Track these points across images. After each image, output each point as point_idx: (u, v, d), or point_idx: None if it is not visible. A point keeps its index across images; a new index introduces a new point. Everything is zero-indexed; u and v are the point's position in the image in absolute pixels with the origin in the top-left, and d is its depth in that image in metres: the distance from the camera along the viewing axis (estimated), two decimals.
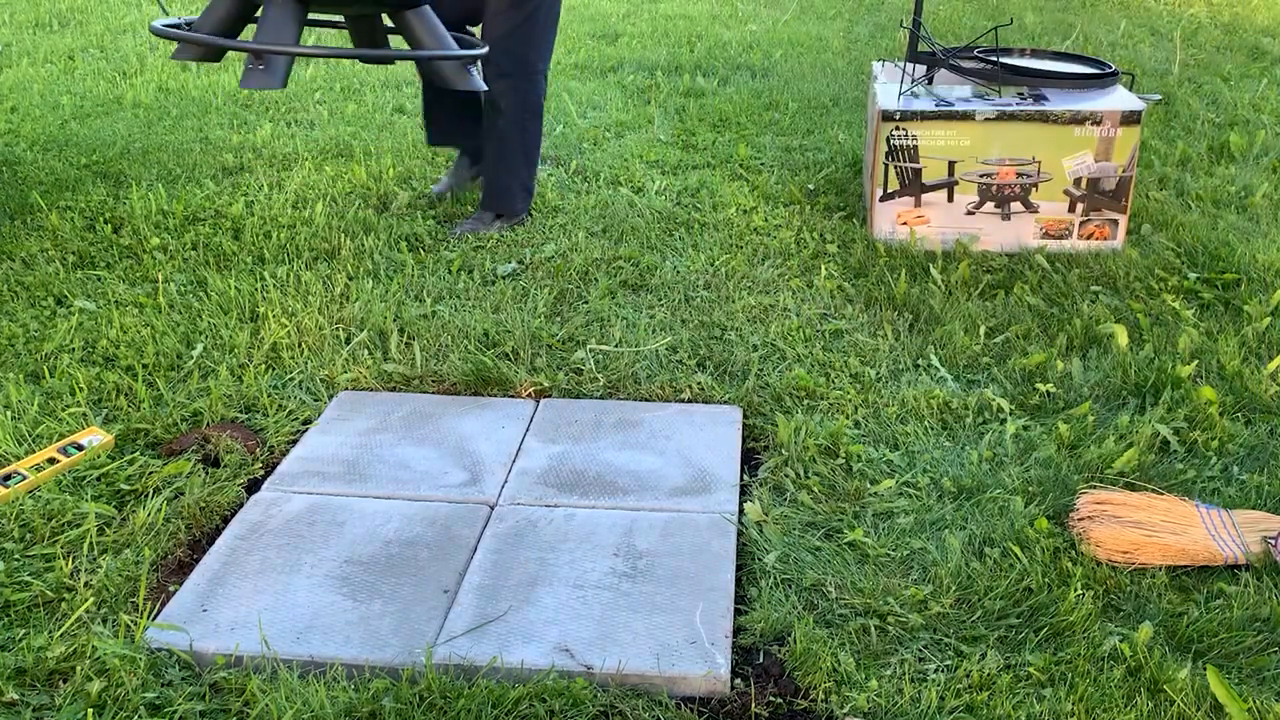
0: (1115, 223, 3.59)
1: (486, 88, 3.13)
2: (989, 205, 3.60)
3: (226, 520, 2.31)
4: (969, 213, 3.61)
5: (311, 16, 2.61)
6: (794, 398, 2.73)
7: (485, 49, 2.70)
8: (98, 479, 2.40)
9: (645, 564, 2.13)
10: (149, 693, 1.81)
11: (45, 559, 2.15)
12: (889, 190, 3.62)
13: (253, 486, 2.43)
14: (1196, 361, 2.85)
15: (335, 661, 1.89)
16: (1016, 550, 2.15)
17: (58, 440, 2.53)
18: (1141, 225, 3.76)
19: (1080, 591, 2.05)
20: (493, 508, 2.33)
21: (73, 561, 2.13)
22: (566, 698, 1.80)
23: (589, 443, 2.56)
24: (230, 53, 2.69)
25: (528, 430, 2.62)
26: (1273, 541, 2.15)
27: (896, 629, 1.97)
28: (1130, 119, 3.49)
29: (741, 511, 2.31)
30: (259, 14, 2.48)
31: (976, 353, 2.95)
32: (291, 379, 2.84)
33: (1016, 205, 3.59)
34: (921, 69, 3.89)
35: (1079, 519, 2.22)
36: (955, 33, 6.71)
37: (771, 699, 1.85)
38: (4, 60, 6.14)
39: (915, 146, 3.56)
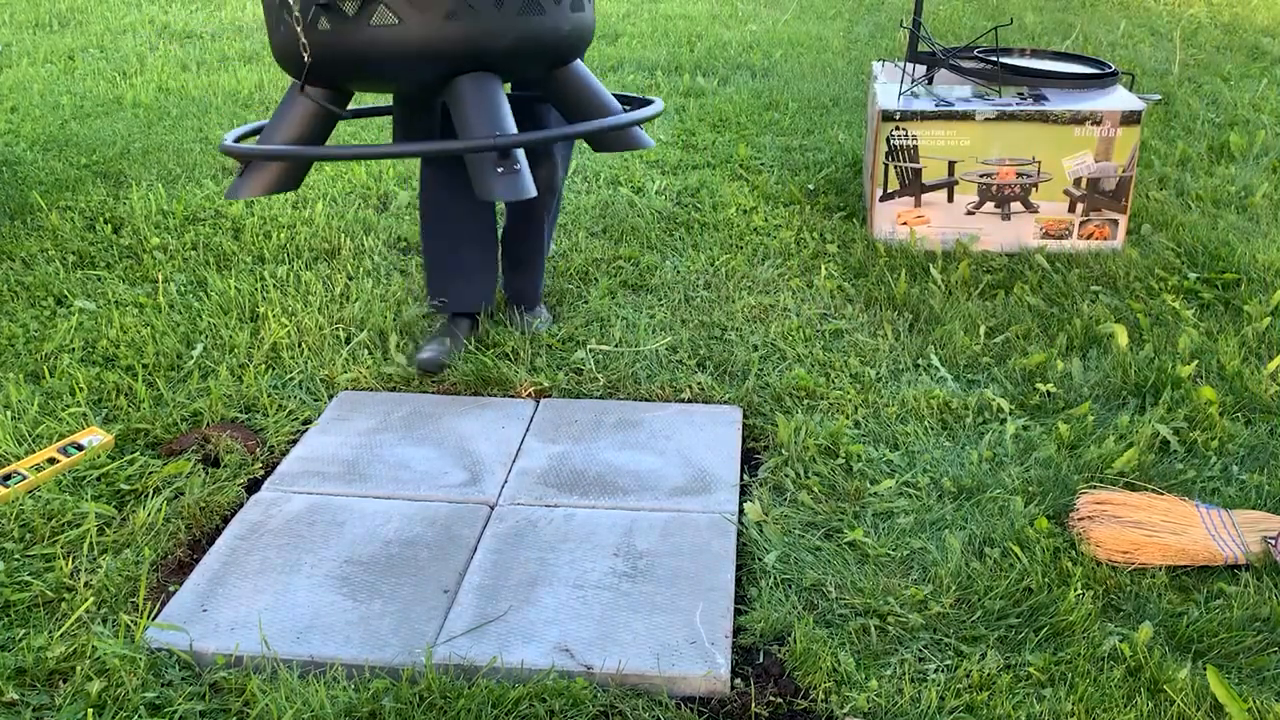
0: (1115, 223, 3.60)
1: (654, 144, 2.67)
2: (989, 205, 3.60)
3: (226, 520, 2.31)
4: (969, 213, 3.61)
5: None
6: (794, 398, 2.73)
7: (661, 104, 2.41)
8: (98, 479, 2.40)
9: (645, 564, 2.13)
10: (149, 693, 1.81)
11: (45, 559, 2.15)
12: (889, 190, 3.62)
13: (253, 486, 2.43)
14: (1196, 361, 2.85)
15: (335, 661, 1.89)
16: (1016, 550, 2.15)
17: (58, 440, 2.53)
18: (1141, 225, 3.76)
19: (1080, 591, 2.05)
20: (493, 508, 2.33)
21: (73, 561, 2.13)
22: (566, 698, 1.80)
23: (589, 443, 2.56)
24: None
25: (528, 430, 2.62)
26: (1273, 541, 2.15)
27: (896, 629, 1.97)
28: (1130, 119, 3.49)
29: (741, 511, 2.31)
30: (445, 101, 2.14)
31: (976, 353, 2.95)
32: (291, 379, 2.84)
33: (1016, 205, 3.59)
34: (921, 69, 3.89)
35: (1079, 519, 2.22)
36: (955, 33, 6.71)
37: (771, 699, 1.85)
38: (4, 60, 6.14)
39: (915, 146, 3.56)
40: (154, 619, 1.99)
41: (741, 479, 2.43)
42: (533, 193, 2.09)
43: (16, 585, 2.07)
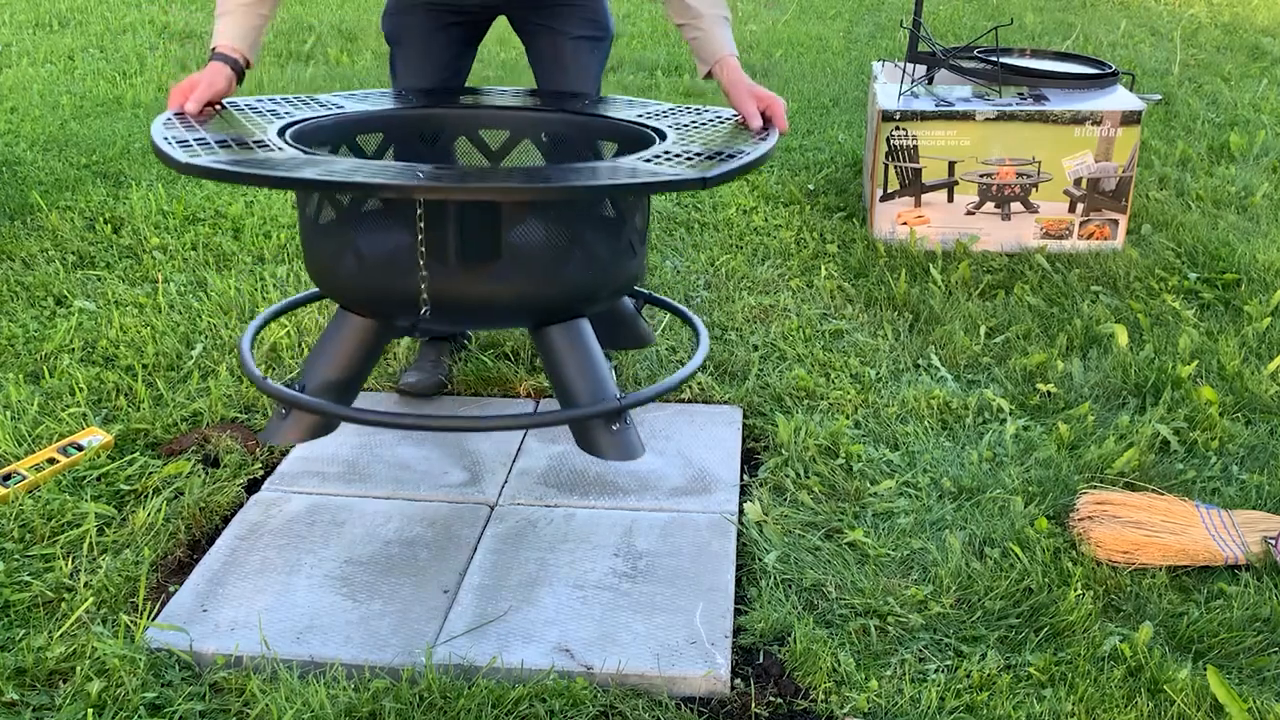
0: (1115, 223, 3.60)
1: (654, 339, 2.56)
2: (989, 205, 3.60)
3: (226, 520, 2.31)
4: (969, 213, 3.61)
5: None
6: (794, 398, 2.73)
7: (707, 343, 2.32)
8: (98, 479, 2.40)
9: (645, 564, 2.13)
10: (149, 693, 1.81)
11: (45, 559, 2.15)
12: (889, 190, 3.62)
13: (253, 486, 2.42)
14: (1196, 361, 2.85)
15: (335, 662, 1.89)
16: (1017, 550, 2.15)
17: (57, 440, 2.53)
18: (1141, 225, 3.76)
19: (1080, 591, 2.05)
20: (493, 508, 2.33)
21: (73, 562, 2.13)
22: (566, 698, 1.80)
23: None
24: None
25: (528, 430, 2.62)
26: (1273, 541, 2.15)
27: (896, 629, 1.97)
28: (1130, 119, 3.49)
29: (741, 511, 2.31)
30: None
31: (976, 353, 2.95)
32: (292, 379, 2.83)
33: (1016, 205, 3.59)
34: (921, 69, 3.89)
35: (1079, 519, 2.22)
36: (955, 33, 6.71)
37: (771, 699, 1.85)
38: (4, 60, 6.14)
39: (915, 146, 3.56)
40: (154, 619, 1.99)
41: (741, 479, 2.43)
42: (643, 453, 2.02)
43: (16, 585, 2.07)
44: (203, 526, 2.29)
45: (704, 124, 2.17)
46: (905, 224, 3.64)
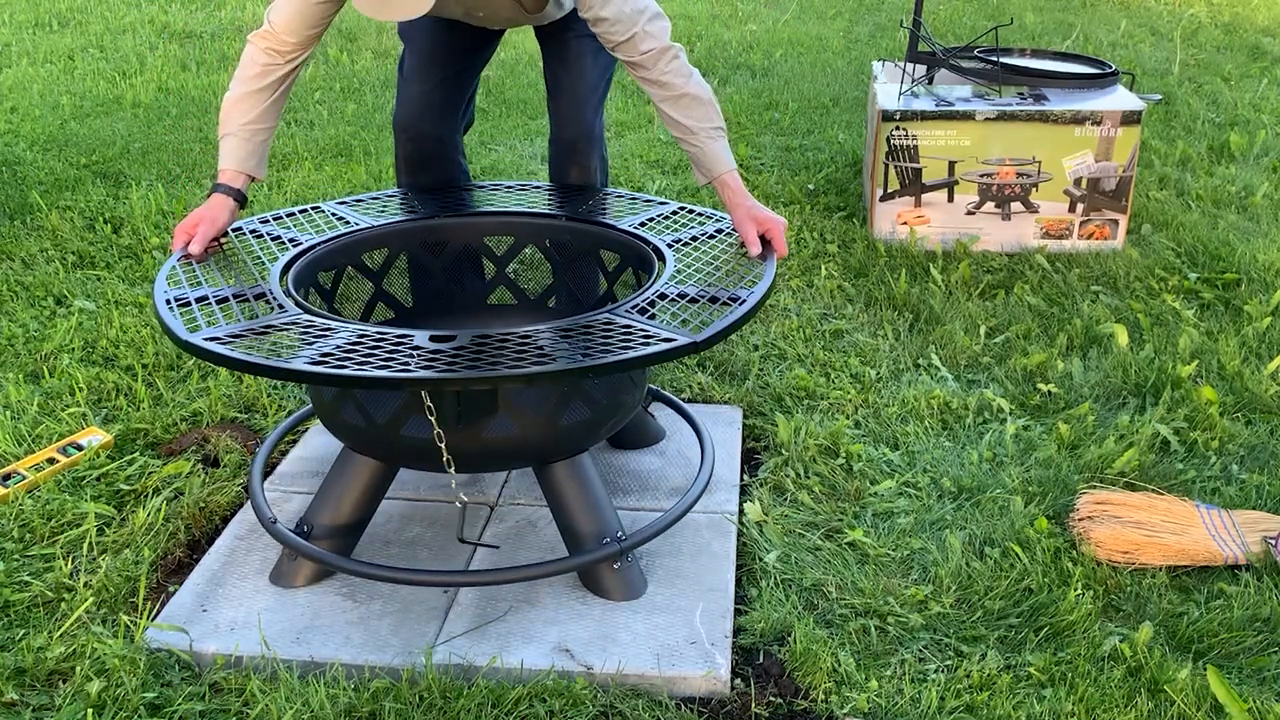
0: (1115, 223, 3.60)
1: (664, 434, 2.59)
2: (989, 205, 3.60)
3: (226, 520, 2.31)
4: (969, 213, 3.61)
5: None
6: (794, 398, 2.73)
7: (713, 451, 2.35)
8: (97, 479, 2.40)
9: (645, 564, 2.13)
10: (149, 693, 1.81)
11: (45, 559, 2.15)
12: (889, 190, 3.62)
13: None
14: (1196, 361, 2.85)
15: (335, 662, 1.88)
16: (1017, 550, 2.15)
17: (57, 440, 2.53)
18: (1142, 225, 3.76)
19: (1080, 591, 2.05)
20: (493, 508, 2.33)
21: (72, 562, 2.13)
22: (566, 698, 1.80)
23: None
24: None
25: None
26: (1273, 541, 2.15)
27: (896, 629, 1.97)
28: (1130, 119, 3.49)
29: (741, 511, 2.31)
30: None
31: (977, 353, 2.94)
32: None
33: (1017, 205, 3.59)
34: (921, 69, 3.89)
35: (1079, 519, 2.22)
36: (955, 33, 6.71)
37: (771, 699, 1.85)
38: (4, 60, 6.14)
39: (915, 146, 3.56)
40: (154, 619, 1.99)
41: (741, 479, 2.43)
42: (645, 589, 2.05)
43: (16, 585, 2.07)
44: (202, 526, 2.29)
45: (703, 243, 2.20)
46: (905, 224, 3.64)
